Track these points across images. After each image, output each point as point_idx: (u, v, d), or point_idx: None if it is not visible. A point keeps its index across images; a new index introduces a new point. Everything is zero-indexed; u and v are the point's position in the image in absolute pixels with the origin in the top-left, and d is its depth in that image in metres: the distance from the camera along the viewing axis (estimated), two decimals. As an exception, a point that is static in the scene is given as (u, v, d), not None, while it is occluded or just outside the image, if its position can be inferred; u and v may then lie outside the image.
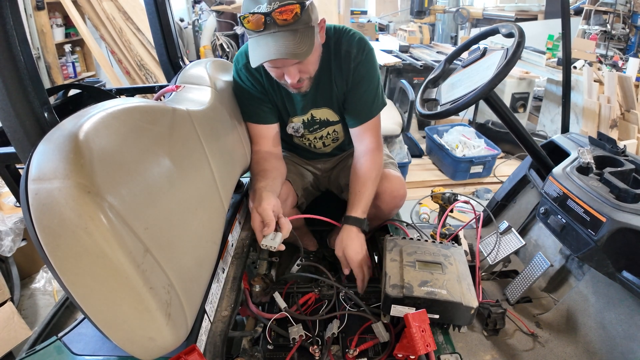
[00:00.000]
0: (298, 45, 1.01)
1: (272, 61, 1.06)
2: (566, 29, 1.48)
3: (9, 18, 0.66)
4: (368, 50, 1.24)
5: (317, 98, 1.31)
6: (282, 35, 1.00)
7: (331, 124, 1.40)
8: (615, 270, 1.09)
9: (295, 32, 1.01)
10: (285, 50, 1.00)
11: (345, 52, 1.22)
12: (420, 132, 4.01)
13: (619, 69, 3.40)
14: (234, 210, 1.33)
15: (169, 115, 0.91)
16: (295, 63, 1.08)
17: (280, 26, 1.00)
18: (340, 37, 1.23)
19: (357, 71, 1.24)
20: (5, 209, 1.95)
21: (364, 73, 1.25)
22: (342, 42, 1.22)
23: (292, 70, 1.10)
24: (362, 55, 1.23)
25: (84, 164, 0.62)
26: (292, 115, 1.37)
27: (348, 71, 1.24)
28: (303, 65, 1.12)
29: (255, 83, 1.28)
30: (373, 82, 1.27)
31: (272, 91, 1.30)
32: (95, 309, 0.68)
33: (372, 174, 1.27)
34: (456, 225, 1.63)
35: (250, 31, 1.04)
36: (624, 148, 1.31)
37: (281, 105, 1.34)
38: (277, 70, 1.13)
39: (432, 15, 5.72)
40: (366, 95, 1.27)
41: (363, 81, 1.26)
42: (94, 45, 3.94)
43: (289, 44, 1.00)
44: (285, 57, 1.01)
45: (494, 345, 1.24)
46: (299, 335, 1.07)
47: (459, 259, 1.16)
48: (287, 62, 1.07)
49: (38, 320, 1.84)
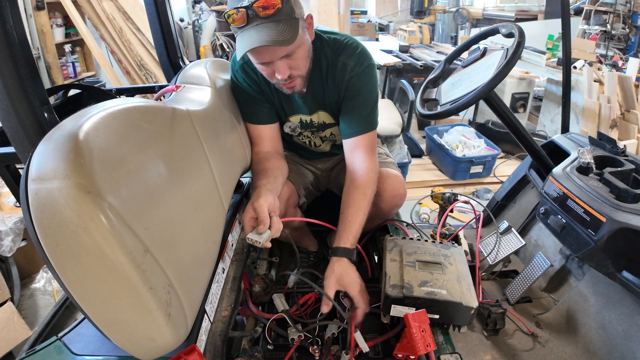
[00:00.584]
0: (281, 33, 1.01)
1: (257, 53, 1.06)
2: (566, 29, 1.48)
3: (9, 18, 0.66)
4: (367, 65, 1.22)
5: (311, 102, 1.31)
6: (265, 26, 1.01)
7: (328, 126, 1.40)
8: (615, 270, 1.09)
9: (278, 23, 1.01)
10: (267, 38, 1.00)
11: (342, 64, 1.21)
12: (420, 132, 4.01)
13: (619, 69, 3.40)
14: (234, 210, 1.33)
15: (169, 115, 0.91)
16: (282, 57, 1.07)
17: (262, 18, 1.01)
18: (341, 48, 1.22)
19: (351, 83, 1.23)
20: (5, 209, 1.95)
21: (360, 87, 1.23)
22: (340, 54, 1.22)
23: (280, 66, 1.09)
24: (359, 68, 1.21)
25: (83, 164, 0.62)
26: (290, 115, 1.37)
27: (342, 82, 1.23)
28: (292, 61, 1.10)
29: (252, 83, 1.28)
30: (369, 98, 1.26)
31: (268, 91, 1.30)
32: (95, 309, 0.68)
33: (364, 201, 1.22)
34: (456, 225, 1.63)
35: (236, 29, 1.05)
36: (624, 148, 1.31)
37: (278, 105, 1.34)
38: (266, 68, 1.12)
39: (432, 15, 5.72)
40: (360, 108, 1.25)
41: (359, 94, 1.24)
42: (94, 45, 3.94)
43: (272, 32, 1.01)
44: (268, 44, 1.00)
45: (494, 345, 1.23)
46: (297, 335, 1.07)
47: (459, 259, 1.16)
48: (274, 54, 1.06)
49: (38, 320, 1.84)
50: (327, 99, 1.29)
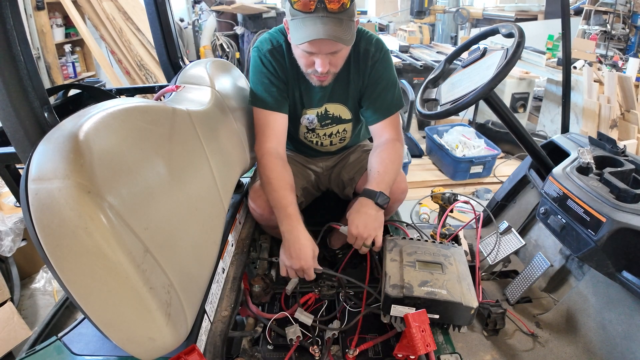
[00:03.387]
0: (345, 32, 1.05)
1: (315, 43, 1.08)
2: (566, 29, 1.48)
3: (9, 18, 0.66)
4: (385, 51, 1.29)
5: (333, 92, 1.33)
6: (330, 21, 1.04)
7: (343, 121, 1.40)
8: (615, 270, 1.09)
9: (341, 21, 1.04)
10: (334, 33, 1.03)
11: (364, 50, 1.26)
12: (420, 132, 4.01)
13: (619, 69, 3.40)
14: (234, 210, 1.33)
15: (169, 115, 0.91)
16: (333, 51, 1.10)
17: (329, 12, 1.03)
18: (359, 35, 1.25)
19: (374, 69, 1.28)
20: (5, 209, 1.95)
21: (382, 71, 1.28)
22: (360, 41, 1.25)
23: (324, 60, 1.12)
24: (380, 54, 1.27)
25: (83, 164, 0.62)
26: (307, 108, 1.37)
27: (365, 68, 1.28)
28: (335, 58, 1.14)
29: (279, 69, 1.27)
30: (391, 81, 1.30)
31: (293, 81, 1.30)
32: (95, 309, 0.68)
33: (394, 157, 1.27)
34: (456, 225, 1.63)
35: (297, 11, 1.06)
36: (623, 148, 1.31)
37: (298, 96, 1.34)
38: (308, 57, 1.14)
39: (432, 16, 5.73)
40: (385, 92, 1.30)
41: (381, 79, 1.29)
42: (94, 45, 3.94)
43: (337, 29, 1.04)
44: (334, 39, 1.04)
45: (494, 345, 1.23)
46: (296, 336, 1.07)
47: (459, 259, 1.16)
48: (326, 47, 1.09)
49: (38, 320, 1.84)
50: (351, 88, 1.32)
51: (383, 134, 1.33)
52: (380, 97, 1.30)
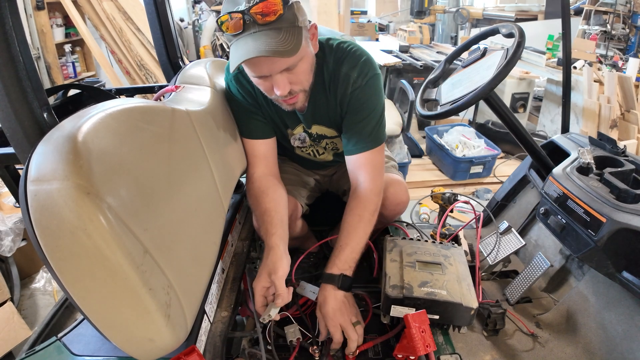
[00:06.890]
0: (281, 43, 0.89)
1: (253, 65, 0.95)
2: (566, 29, 1.48)
3: (8, 18, 0.66)
4: (371, 76, 1.11)
5: (315, 114, 1.21)
6: (264, 34, 0.89)
7: (329, 137, 1.32)
8: (615, 270, 1.09)
9: (279, 31, 0.90)
10: (265, 47, 0.88)
11: (345, 74, 1.10)
12: (420, 132, 4.00)
13: (619, 69, 3.40)
14: (234, 210, 1.33)
15: (169, 115, 0.91)
16: (282, 70, 0.96)
17: (261, 25, 0.89)
18: (343, 56, 1.11)
19: (354, 97, 1.12)
20: (5, 209, 1.95)
21: (364, 100, 1.13)
22: (343, 62, 1.10)
23: (279, 80, 0.97)
24: (363, 80, 1.10)
25: (82, 165, 0.62)
26: (292, 128, 1.28)
27: (344, 95, 1.13)
28: (293, 75, 0.99)
29: (247, 96, 1.18)
30: (374, 112, 1.15)
31: (265, 105, 1.19)
32: (94, 310, 0.68)
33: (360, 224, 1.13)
34: (456, 225, 1.63)
35: (230, 36, 0.93)
36: (624, 148, 1.30)
37: (278, 119, 1.24)
38: (264, 82, 1.00)
39: (432, 16, 5.72)
40: (364, 123, 1.14)
41: (362, 109, 1.14)
42: (94, 45, 3.94)
43: (271, 41, 0.88)
44: (266, 54, 0.88)
45: (494, 346, 1.23)
46: (296, 337, 1.07)
47: (459, 260, 1.16)
48: (273, 67, 0.95)
49: (38, 320, 1.84)
50: (330, 112, 1.19)
51: (357, 175, 1.18)
52: (358, 127, 1.14)
